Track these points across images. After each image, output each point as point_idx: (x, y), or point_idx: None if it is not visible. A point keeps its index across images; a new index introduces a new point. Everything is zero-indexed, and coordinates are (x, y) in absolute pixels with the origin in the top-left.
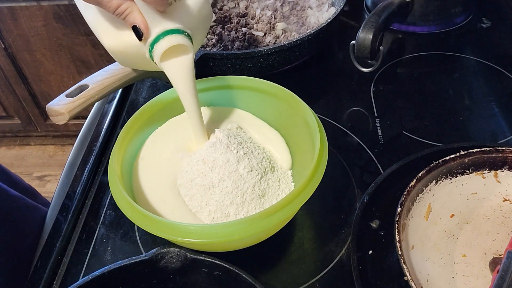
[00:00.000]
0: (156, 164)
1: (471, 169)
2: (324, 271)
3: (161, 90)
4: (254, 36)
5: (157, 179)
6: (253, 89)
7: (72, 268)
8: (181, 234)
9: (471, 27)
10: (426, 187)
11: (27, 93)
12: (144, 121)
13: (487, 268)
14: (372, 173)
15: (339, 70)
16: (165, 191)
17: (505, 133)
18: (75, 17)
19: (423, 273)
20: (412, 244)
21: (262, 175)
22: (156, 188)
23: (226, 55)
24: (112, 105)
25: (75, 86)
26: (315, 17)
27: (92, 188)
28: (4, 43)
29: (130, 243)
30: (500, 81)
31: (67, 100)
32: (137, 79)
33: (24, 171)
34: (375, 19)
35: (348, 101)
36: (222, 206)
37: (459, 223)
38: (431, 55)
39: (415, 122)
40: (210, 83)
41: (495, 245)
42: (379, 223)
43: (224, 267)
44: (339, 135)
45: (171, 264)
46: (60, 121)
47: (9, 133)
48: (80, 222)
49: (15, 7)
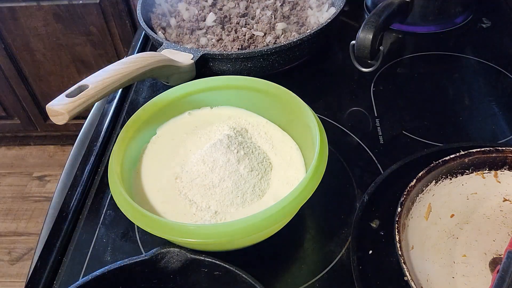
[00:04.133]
0: (156, 164)
1: (471, 169)
2: (324, 271)
3: (161, 90)
4: (254, 36)
5: (157, 179)
6: (253, 89)
7: (72, 268)
8: (181, 234)
9: (471, 27)
10: (426, 187)
11: (27, 93)
12: (144, 121)
13: (487, 268)
14: (372, 173)
15: (339, 70)
16: (165, 191)
17: (505, 133)
18: (75, 17)
19: (423, 273)
20: (412, 244)
21: (262, 175)
22: (156, 188)
23: (226, 55)
24: (112, 105)
25: (75, 86)
26: (315, 17)
27: (92, 188)
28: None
29: (130, 243)
30: (500, 81)
31: (67, 100)
32: (137, 79)
33: (24, 171)
34: (375, 19)
35: (348, 101)
36: (223, 206)
37: (459, 223)
38: (431, 55)
39: (415, 122)
40: (210, 83)
41: (495, 245)
42: (379, 223)
43: (224, 267)
44: (339, 135)
45: (171, 264)
46: (60, 121)
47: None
48: (80, 222)
49: (15, 7)
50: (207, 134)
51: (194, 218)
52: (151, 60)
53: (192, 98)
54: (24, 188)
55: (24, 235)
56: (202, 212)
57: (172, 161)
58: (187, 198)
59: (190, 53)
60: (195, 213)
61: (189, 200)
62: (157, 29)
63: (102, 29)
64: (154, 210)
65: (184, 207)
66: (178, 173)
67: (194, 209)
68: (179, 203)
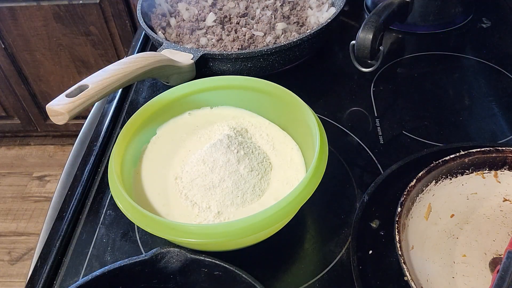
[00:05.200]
0: (156, 164)
1: (471, 169)
2: (324, 271)
3: (161, 90)
4: (254, 36)
5: (157, 179)
6: (253, 89)
7: (72, 268)
8: (181, 234)
9: (471, 27)
10: (426, 187)
11: (27, 93)
12: (144, 121)
13: (487, 268)
14: (372, 173)
15: (339, 70)
16: (165, 191)
17: (505, 133)
18: (75, 17)
19: (423, 273)
20: (412, 244)
21: (262, 175)
22: (156, 188)
23: (226, 55)
24: (112, 105)
25: (75, 86)
26: (315, 17)
27: (92, 188)
28: (4, 43)
29: (130, 243)
30: (500, 81)
31: (67, 100)
32: (137, 79)
33: (24, 171)
34: (375, 19)
35: (348, 101)
36: (223, 206)
37: (459, 223)
38: (431, 55)
39: (415, 122)
40: (210, 83)
41: (495, 245)
42: (379, 223)
43: (224, 267)
44: (339, 135)
45: (171, 264)
46: (60, 121)
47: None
48: (80, 222)
49: (15, 7)
50: (207, 134)
51: (194, 218)
52: (151, 60)
53: (192, 98)
54: (24, 188)
55: (24, 235)
56: (202, 212)
57: (172, 161)
58: (188, 199)
59: (190, 53)
60: (195, 213)
61: (190, 201)
62: (157, 29)
63: (102, 29)
64: (154, 210)
65: (184, 207)
66: (178, 173)
67: (194, 209)
68: (179, 203)
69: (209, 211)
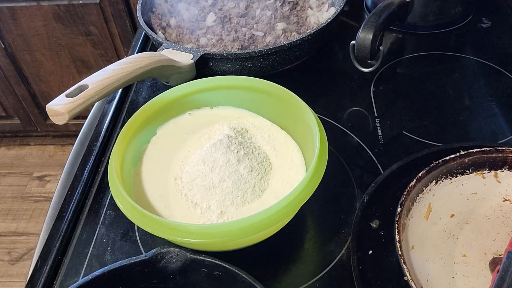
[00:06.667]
0: (156, 164)
1: (471, 169)
2: (324, 271)
3: (161, 90)
4: (254, 36)
5: (157, 179)
6: (253, 89)
7: (72, 268)
8: (181, 234)
9: (471, 27)
10: (426, 187)
11: (27, 93)
12: (144, 121)
13: (487, 268)
14: (372, 173)
15: (339, 70)
16: (166, 191)
17: (505, 133)
18: (75, 17)
19: (423, 273)
20: (412, 244)
21: (262, 175)
22: (156, 188)
23: (226, 55)
24: (112, 105)
25: (75, 86)
26: (315, 17)
27: (92, 188)
28: (4, 43)
29: (130, 243)
30: (500, 81)
31: (67, 100)
32: (137, 79)
33: (24, 171)
34: (375, 19)
35: (348, 101)
36: (223, 206)
37: (459, 223)
38: (431, 55)
39: (415, 122)
40: (210, 83)
41: (495, 245)
42: (379, 223)
43: (224, 267)
44: (339, 135)
45: (171, 264)
46: (60, 121)
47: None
48: (80, 222)
49: (15, 7)
50: (207, 134)
51: (194, 218)
52: (151, 60)
53: (192, 98)
54: (24, 188)
55: (24, 235)
56: (202, 212)
57: (172, 161)
58: (188, 199)
59: (190, 53)
60: (195, 213)
61: (191, 201)
62: (157, 29)
63: (102, 29)
64: (154, 210)
65: (184, 207)
66: (178, 173)
67: (194, 209)
68: (179, 203)
69: (210, 211)
